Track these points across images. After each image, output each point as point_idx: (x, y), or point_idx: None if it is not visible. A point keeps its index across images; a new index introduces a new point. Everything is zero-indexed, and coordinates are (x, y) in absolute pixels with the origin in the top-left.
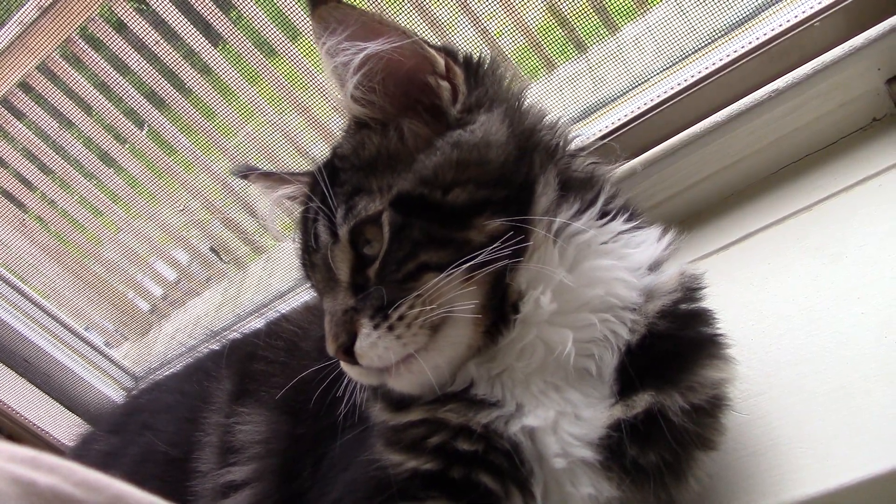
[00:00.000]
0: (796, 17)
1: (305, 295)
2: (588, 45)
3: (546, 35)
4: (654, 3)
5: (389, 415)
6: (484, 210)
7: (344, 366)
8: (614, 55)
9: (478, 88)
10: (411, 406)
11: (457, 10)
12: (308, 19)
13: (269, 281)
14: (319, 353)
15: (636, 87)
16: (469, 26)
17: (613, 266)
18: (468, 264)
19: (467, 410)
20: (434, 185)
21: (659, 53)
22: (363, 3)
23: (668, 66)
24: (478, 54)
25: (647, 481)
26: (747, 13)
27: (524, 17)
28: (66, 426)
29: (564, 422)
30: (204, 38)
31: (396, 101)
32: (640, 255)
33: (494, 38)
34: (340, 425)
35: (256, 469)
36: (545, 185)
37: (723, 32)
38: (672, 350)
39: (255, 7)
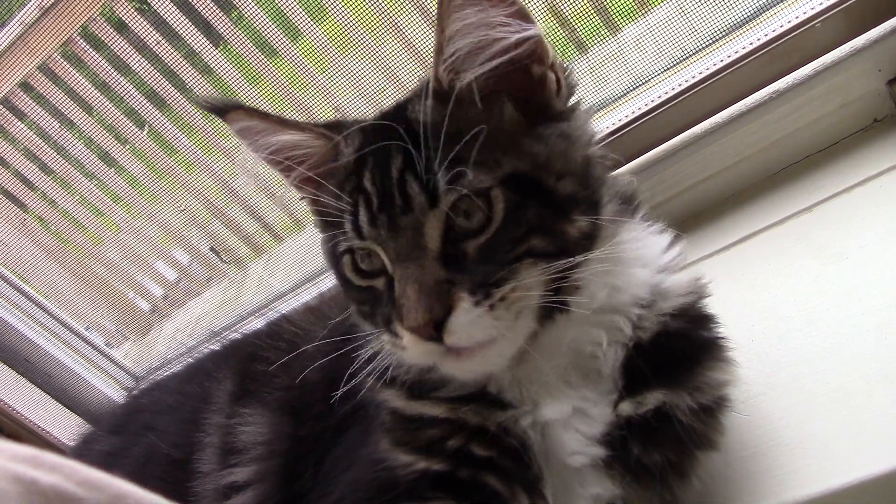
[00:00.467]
0: (797, 18)
1: (305, 295)
2: (589, 45)
3: (547, 35)
4: (656, 3)
5: (406, 402)
6: (578, 205)
7: (412, 339)
8: (615, 56)
9: (572, 87)
10: (429, 396)
11: None
12: (308, 20)
13: (269, 281)
14: (323, 354)
15: (637, 87)
16: None
17: (642, 270)
18: (568, 261)
19: (485, 410)
20: (549, 170)
21: (660, 54)
22: None
23: (669, 66)
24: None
25: (651, 480)
26: (748, 14)
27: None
28: (66, 426)
29: (577, 418)
30: (205, 38)
31: (503, 81)
32: (658, 258)
33: None
34: (343, 425)
35: (258, 470)
36: (608, 190)
37: (724, 33)
38: (682, 350)
39: (255, 7)
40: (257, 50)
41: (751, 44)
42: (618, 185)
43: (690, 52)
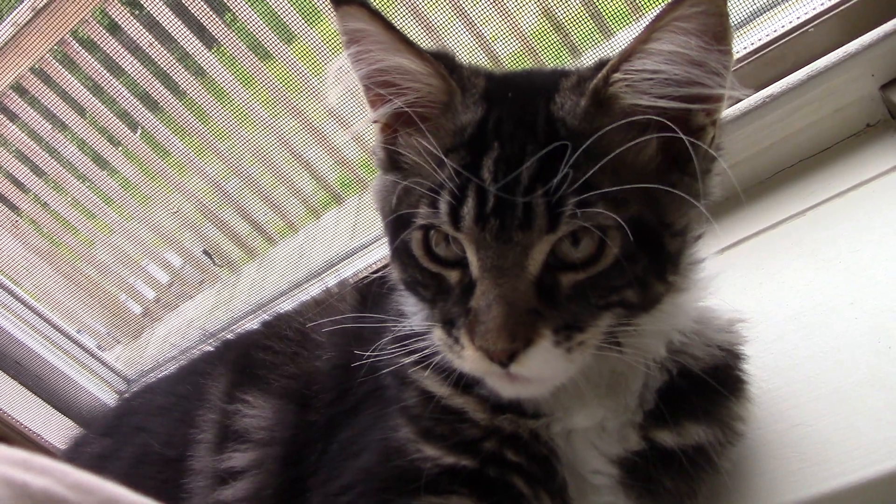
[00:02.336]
0: (791, 22)
1: (301, 296)
2: (583, 49)
3: (541, 40)
4: (649, 7)
5: (450, 392)
6: (674, 265)
7: (476, 356)
8: None
9: (719, 148)
10: (473, 392)
11: (452, 15)
12: (302, 22)
13: (262, 284)
14: (334, 345)
15: None
16: (464, 31)
17: (691, 299)
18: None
19: (520, 418)
20: (668, 226)
21: None
22: None
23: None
24: None
25: (667, 499)
26: (742, 18)
27: (519, 22)
28: (57, 429)
29: (603, 433)
30: (198, 41)
31: (663, 117)
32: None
33: (490, 43)
34: (354, 410)
35: (258, 457)
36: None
37: None
38: (722, 384)
39: (249, 10)
40: (250, 52)
41: (745, 48)
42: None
43: None
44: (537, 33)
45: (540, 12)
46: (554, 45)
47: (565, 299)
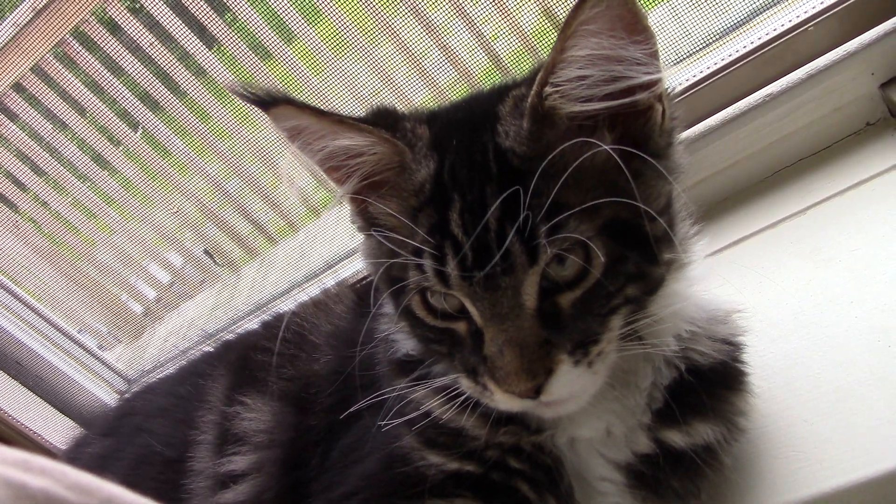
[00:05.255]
0: (791, 21)
1: (301, 296)
2: None
3: (541, 39)
4: (649, 7)
5: (447, 412)
6: (666, 245)
7: (506, 398)
8: None
9: (675, 118)
10: (470, 409)
11: (452, 14)
12: (302, 21)
13: (262, 283)
14: (332, 348)
15: None
16: (464, 29)
17: (694, 288)
18: (651, 299)
19: (521, 431)
20: (648, 214)
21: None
22: None
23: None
24: None
25: (673, 500)
26: (742, 17)
27: (519, 21)
28: (58, 429)
29: (610, 439)
30: (198, 40)
31: (607, 112)
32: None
33: (490, 41)
34: (354, 416)
35: (258, 460)
36: (683, 214)
37: (717, 36)
38: (726, 379)
39: (249, 9)
40: (251, 52)
41: (744, 47)
42: (685, 203)
43: (683, 56)
44: (537, 32)
45: (540, 11)
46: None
47: (570, 319)
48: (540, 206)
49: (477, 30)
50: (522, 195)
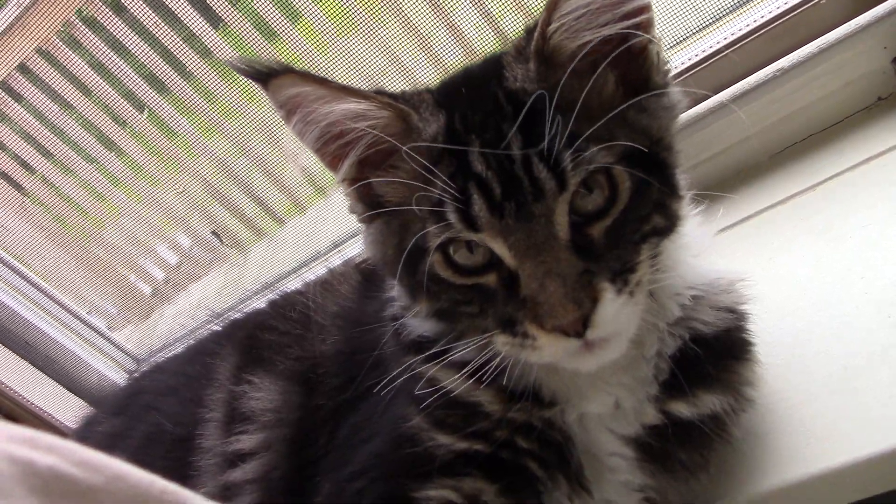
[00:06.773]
0: None
1: (309, 275)
2: None
3: None
4: None
5: (463, 385)
6: (676, 181)
7: (552, 338)
8: None
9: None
10: (486, 383)
11: None
12: (309, 2)
13: (270, 263)
14: (339, 329)
15: None
16: (471, 7)
17: (690, 251)
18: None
19: (532, 407)
20: (660, 144)
21: (662, 32)
22: None
23: (671, 45)
24: None
25: (682, 472)
26: None
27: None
28: (68, 408)
29: (618, 412)
30: (203, 21)
31: (607, 48)
32: (697, 235)
33: (496, 18)
34: (362, 396)
35: (266, 438)
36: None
37: (728, 10)
38: (731, 349)
39: None
40: (256, 32)
41: (755, 21)
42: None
43: (693, 31)
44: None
45: None
46: None
47: (605, 249)
48: (561, 133)
49: (483, 7)
50: (542, 124)
